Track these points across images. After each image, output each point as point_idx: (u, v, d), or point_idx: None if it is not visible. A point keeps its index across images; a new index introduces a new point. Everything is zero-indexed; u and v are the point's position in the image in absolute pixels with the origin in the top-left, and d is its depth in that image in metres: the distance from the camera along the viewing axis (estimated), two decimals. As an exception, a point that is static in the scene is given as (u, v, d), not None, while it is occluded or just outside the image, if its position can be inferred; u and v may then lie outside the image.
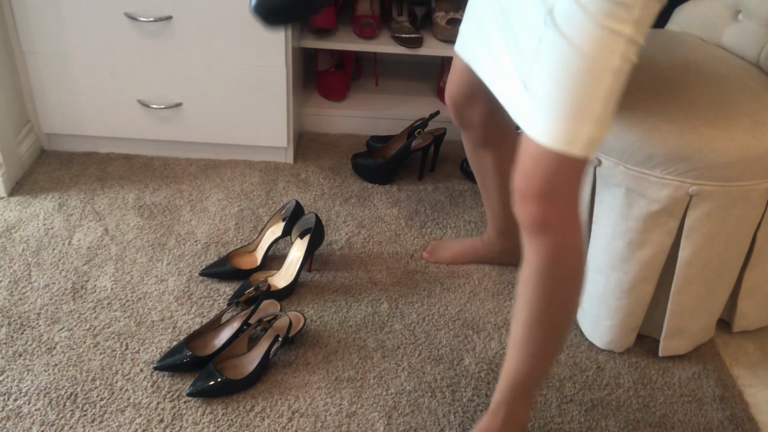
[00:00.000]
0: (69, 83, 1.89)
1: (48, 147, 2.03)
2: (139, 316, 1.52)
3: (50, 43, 1.83)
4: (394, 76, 2.41)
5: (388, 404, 1.38)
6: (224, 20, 1.80)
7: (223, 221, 1.81)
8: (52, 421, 1.29)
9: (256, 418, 1.33)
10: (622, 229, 1.40)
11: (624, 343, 1.52)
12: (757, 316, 1.59)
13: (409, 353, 1.49)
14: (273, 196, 1.92)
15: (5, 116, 1.83)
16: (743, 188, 1.33)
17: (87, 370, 1.39)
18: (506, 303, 1.63)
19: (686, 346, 1.53)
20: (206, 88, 1.91)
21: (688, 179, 1.33)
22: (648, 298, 1.47)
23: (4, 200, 1.82)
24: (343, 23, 2.16)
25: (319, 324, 1.54)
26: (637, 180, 1.36)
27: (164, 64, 1.87)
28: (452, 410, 1.38)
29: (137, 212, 1.81)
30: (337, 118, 2.21)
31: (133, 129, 1.98)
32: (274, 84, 1.90)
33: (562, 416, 1.39)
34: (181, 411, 1.33)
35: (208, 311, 1.55)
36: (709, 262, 1.40)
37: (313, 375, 1.42)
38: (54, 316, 1.50)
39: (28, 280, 1.58)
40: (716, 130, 1.32)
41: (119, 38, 1.82)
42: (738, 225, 1.38)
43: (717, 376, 1.51)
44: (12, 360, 1.40)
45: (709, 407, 1.44)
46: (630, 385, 1.47)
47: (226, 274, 1.62)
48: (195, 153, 2.05)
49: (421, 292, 1.64)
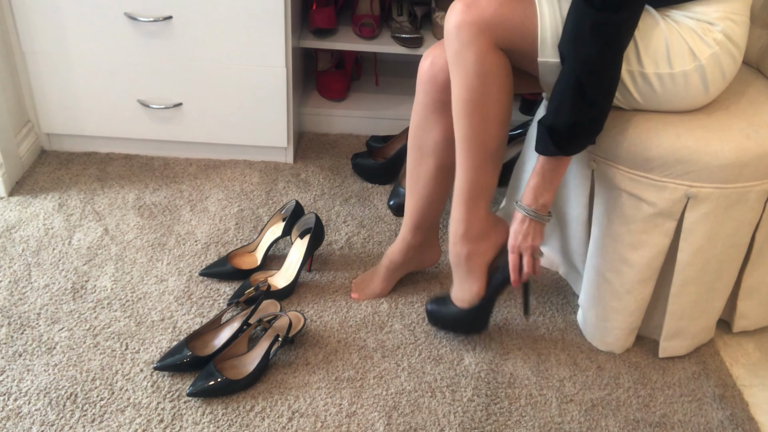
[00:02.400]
0: (69, 83, 1.90)
1: (48, 147, 2.03)
2: (139, 316, 1.52)
3: (50, 43, 1.83)
4: (394, 76, 2.41)
5: (388, 404, 1.38)
6: (224, 20, 1.80)
7: (223, 221, 1.81)
8: (52, 421, 1.29)
9: (256, 418, 1.33)
10: (621, 231, 1.41)
11: (623, 344, 1.53)
12: (756, 316, 1.59)
13: (409, 353, 1.49)
14: (273, 196, 1.92)
15: (5, 116, 1.83)
16: (740, 190, 1.33)
17: (87, 370, 1.39)
18: (506, 303, 1.64)
19: (686, 347, 1.53)
20: (206, 88, 1.91)
21: (685, 181, 1.33)
22: (647, 300, 1.47)
23: (4, 200, 1.82)
24: (343, 23, 2.16)
25: (319, 324, 1.54)
26: (634, 183, 1.36)
27: (164, 64, 1.87)
28: (452, 410, 1.38)
29: (137, 212, 1.82)
30: (337, 118, 2.21)
31: (133, 129, 1.98)
32: (274, 84, 1.90)
33: (562, 416, 1.39)
34: (181, 411, 1.33)
35: (208, 311, 1.55)
36: (707, 264, 1.41)
37: (313, 375, 1.42)
38: (54, 316, 1.50)
39: (28, 280, 1.59)
40: (713, 133, 1.32)
41: (119, 38, 1.82)
42: (736, 226, 1.38)
43: (717, 376, 1.51)
44: (12, 360, 1.40)
45: (709, 407, 1.44)
46: (630, 385, 1.47)
47: (226, 274, 1.62)
48: (195, 153, 2.05)
49: (421, 292, 1.64)
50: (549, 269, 1.75)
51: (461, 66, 1.30)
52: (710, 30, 1.26)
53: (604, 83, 1.22)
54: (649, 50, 1.26)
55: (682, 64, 1.27)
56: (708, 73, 1.28)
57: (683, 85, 1.29)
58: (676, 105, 1.34)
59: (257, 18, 1.80)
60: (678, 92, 1.31)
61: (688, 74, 1.28)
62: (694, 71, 1.28)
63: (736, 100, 1.41)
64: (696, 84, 1.29)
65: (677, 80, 1.28)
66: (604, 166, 1.40)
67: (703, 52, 1.26)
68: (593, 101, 1.21)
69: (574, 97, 1.21)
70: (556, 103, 1.23)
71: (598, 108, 1.23)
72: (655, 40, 1.25)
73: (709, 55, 1.27)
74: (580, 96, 1.20)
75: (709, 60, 1.27)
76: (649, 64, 1.26)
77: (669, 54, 1.26)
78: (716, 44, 1.26)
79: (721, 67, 1.29)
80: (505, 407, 1.39)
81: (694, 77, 1.29)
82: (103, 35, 1.82)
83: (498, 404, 1.40)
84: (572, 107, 1.22)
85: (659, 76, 1.28)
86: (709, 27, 1.26)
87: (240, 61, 1.87)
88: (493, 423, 1.36)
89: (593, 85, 1.20)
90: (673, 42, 1.25)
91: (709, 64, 1.27)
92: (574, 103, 1.21)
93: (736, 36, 1.28)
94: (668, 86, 1.29)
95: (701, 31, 1.26)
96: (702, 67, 1.27)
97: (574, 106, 1.21)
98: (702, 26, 1.26)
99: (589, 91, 1.20)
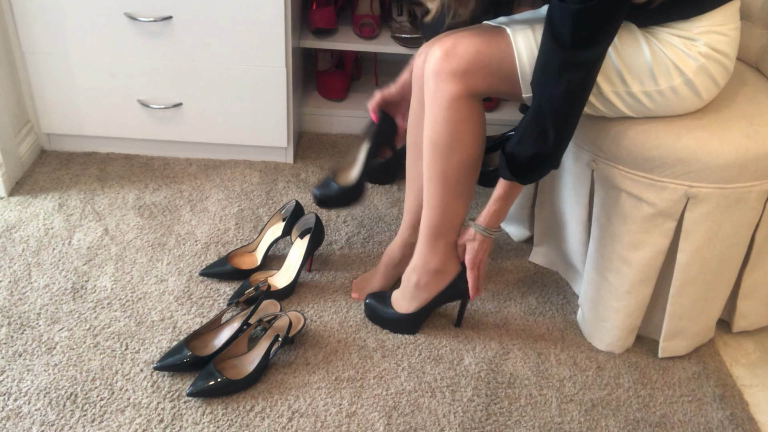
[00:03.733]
0: (69, 83, 1.90)
1: (48, 147, 2.03)
2: (139, 316, 1.52)
3: (50, 43, 1.83)
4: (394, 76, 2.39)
5: (388, 404, 1.38)
6: (224, 20, 1.80)
7: (223, 221, 1.81)
8: (52, 421, 1.29)
9: (256, 418, 1.33)
10: (620, 231, 1.41)
11: (623, 344, 1.53)
12: (756, 316, 1.59)
13: (409, 353, 1.49)
14: (273, 196, 1.92)
15: (5, 116, 1.83)
16: (740, 190, 1.33)
17: (87, 370, 1.39)
18: (506, 303, 1.64)
19: (686, 347, 1.53)
20: (206, 88, 1.91)
21: (685, 181, 1.33)
22: (647, 300, 1.47)
23: (4, 200, 1.82)
24: (343, 23, 2.16)
25: (319, 324, 1.54)
26: (634, 183, 1.36)
27: (164, 64, 1.87)
28: (452, 410, 1.38)
29: (137, 212, 1.82)
30: (337, 118, 2.21)
31: (133, 129, 1.98)
32: (274, 84, 1.90)
33: (562, 416, 1.39)
34: (181, 411, 1.33)
35: (208, 311, 1.55)
36: (707, 264, 1.41)
37: (313, 375, 1.42)
38: (54, 316, 1.50)
39: (28, 280, 1.59)
40: (713, 133, 1.32)
41: (119, 38, 1.82)
42: (736, 226, 1.38)
43: (717, 376, 1.51)
44: (12, 360, 1.40)
45: (709, 407, 1.44)
46: (630, 385, 1.47)
47: (226, 274, 1.62)
48: (195, 153, 2.05)
49: (420, 292, 1.64)
50: (549, 269, 1.75)
51: (433, 109, 1.33)
52: (694, 45, 1.26)
53: (569, 121, 1.23)
54: (633, 70, 1.27)
55: (668, 80, 1.28)
56: (698, 84, 1.29)
57: (674, 98, 1.30)
58: (672, 113, 1.34)
59: (257, 18, 1.80)
60: (670, 104, 1.31)
61: (676, 88, 1.29)
62: (682, 85, 1.28)
63: (735, 99, 1.41)
64: (687, 95, 1.30)
65: (666, 95, 1.29)
66: (604, 166, 1.40)
67: (688, 66, 1.26)
68: (556, 137, 1.23)
69: (537, 132, 1.23)
70: (519, 134, 1.26)
71: (558, 144, 1.25)
72: (638, 59, 1.26)
73: (695, 68, 1.27)
74: (543, 132, 1.22)
75: (697, 72, 1.27)
76: (634, 83, 1.28)
77: (653, 71, 1.27)
78: (702, 57, 1.26)
79: (711, 75, 1.29)
80: (505, 407, 1.39)
81: (684, 90, 1.29)
82: (103, 35, 1.82)
83: (498, 404, 1.40)
84: (534, 141, 1.24)
85: (647, 93, 1.29)
86: (693, 43, 1.26)
87: (240, 61, 1.87)
88: (493, 423, 1.36)
89: (558, 121, 1.22)
90: (656, 59, 1.26)
91: (697, 77, 1.28)
92: (536, 137, 1.23)
93: (722, 46, 1.27)
94: (658, 101, 1.30)
95: (684, 46, 1.26)
96: (690, 80, 1.28)
97: (536, 140, 1.24)
98: (685, 42, 1.26)
99: (552, 127, 1.21)
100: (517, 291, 1.67)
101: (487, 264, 1.44)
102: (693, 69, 1.26)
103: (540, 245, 1.74)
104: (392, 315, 1.52)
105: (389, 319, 1.52)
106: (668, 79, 1.27)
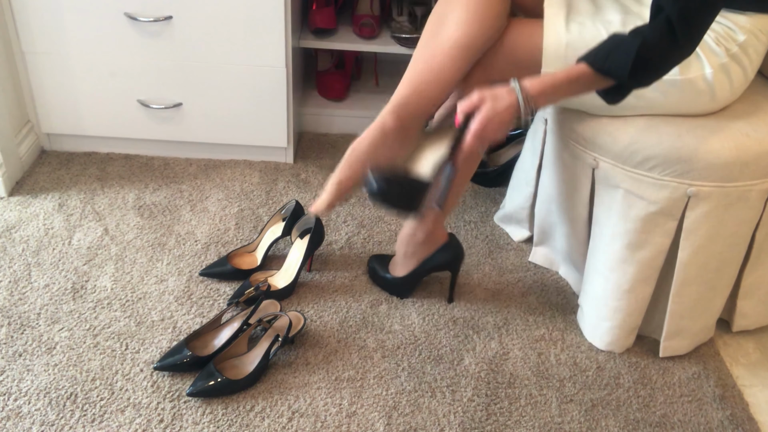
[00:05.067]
0: (69, 83, 1.90)
1: (48, 147, 2.03)
2: (139, 316, 1.52)
3: (50, 43, 1.83)
4: (394, 76, 2.40)
5: (388, 404, 1.38)
6: (224, 20, 1.80)
7: (223, 221, 1.81)
8: (52, 421, 1.29)
9: (256, 418, 1.33)
10: (621, 230, 1.40)
11: (624, 343, 1.53)
12: (756, 316, 1.59)
13: (409, 353, 1.49)
14: (273, 196, 1.92)
15: (5, 116, 1.83)
16: (741, 189, 1.33)
17: (87, 370, 1.39)
18: (506, 303, 1.64)
19: (686, 346, 1.53)
20: (206, 88, 1.91)
21: (686, 180, 1.33)
22: (647, 299, 1.47)
23: (4, 200, 1.82)
24: (343, 23, 2.16)
25: (319, 324, 1.54)
26: (635, 181, 1.36)
27: (164, 64, 1.87)
28: (452, 410, 1.38)
29: (137, 212, 1.82)
30: (337, 118, 2.21)
31: (133, 129, 1.98)
32: (274, 84, 1.90)
33: (562, 416, 1.39)
34: (181, 411, 1.33)
35: (208, 311, 1.55)
36: (708, 263, 1.41)
37: (313, 375, 1.42)
38: (54, 316, 1.50)
39: (28, 280, 1.58)
40: (713, 131, 1.32)
41: (119, 38, 1.82)
42: (736, 225, 1.38)
43: (717, 376, 1.51)
44: (12, 360, 1.40)
45: (709, 407, 1.44)
46: (630, 385, 1.47)
47: (226, 274, 1.62)
48: (195, 153, 2.05)
49: (420, 292, 1.64)
50: (549, 269, 1.75)
51: None
52: (731, 37, 1.25)
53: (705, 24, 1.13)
54: None
55: (687, 71, 1.27)
56: (715, 82, 1.29)
57: (688, 92, 1.30)
58: (681, 111, 1.34)
59: (257, 18, 1.80)
60: (683, 99, 1.31)
61: (694, 81, 1.28)
62: (701, 79, 1.28)
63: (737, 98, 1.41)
64: (702, 91, 1.30)
65: (681, 87, 1.29)
66: (604, 165, 1.40)
67: (712, 60, 1.27)
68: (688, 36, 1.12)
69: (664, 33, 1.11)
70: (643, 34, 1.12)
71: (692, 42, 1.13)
72: None
73: (718, 65, 1.27)
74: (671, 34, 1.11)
75: (719, 69, 1.27)
76: None
77: None
78: (728, 56, 1.26)
79: (729, 77, 1.29)
80: (505, 407, 1.39)
81: (701, 85, 1.29)
82: (103, 35, 1.82)
83: (498, 404, 1.40)
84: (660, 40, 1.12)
85: (664, 81, 1.27)
86: (732, 34, 1.25)
87: (240, 61, 1.87)
88: (493, 423, 1.36)
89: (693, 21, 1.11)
90: None
91: (717, 73, 1.28)
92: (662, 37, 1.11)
93: (753, 50, 1.28)
94: (671, 93, 1.30)
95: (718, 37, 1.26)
96: (709, 75, 1.27)
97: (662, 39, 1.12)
98: (722, 32, 1.25)
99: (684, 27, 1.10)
100: (517, 291, 1.67)
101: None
102: (716, 65, 1.27)
103: (540, 245, 1.74)
104: (388, 278, 1.63)
105: (385, 281, 1.64)
106: (688, 70, 1.27)
